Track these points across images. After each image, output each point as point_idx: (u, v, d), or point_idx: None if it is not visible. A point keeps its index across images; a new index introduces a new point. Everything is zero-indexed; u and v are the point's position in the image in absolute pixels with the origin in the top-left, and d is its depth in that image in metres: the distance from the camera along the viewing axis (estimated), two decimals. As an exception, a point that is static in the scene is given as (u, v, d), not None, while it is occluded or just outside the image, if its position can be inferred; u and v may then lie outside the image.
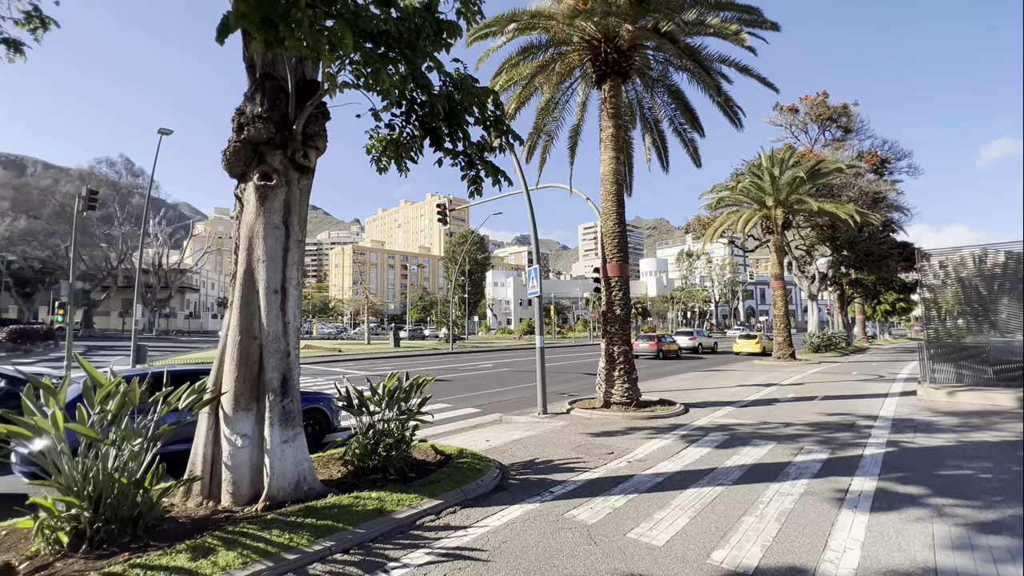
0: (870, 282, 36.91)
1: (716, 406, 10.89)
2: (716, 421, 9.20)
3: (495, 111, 4.92)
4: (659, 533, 4.24)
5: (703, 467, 6.23)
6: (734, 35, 9.92)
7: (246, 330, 4.92)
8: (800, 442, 7.42)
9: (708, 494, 5.22)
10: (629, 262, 11.03)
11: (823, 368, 20.14)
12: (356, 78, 4.21)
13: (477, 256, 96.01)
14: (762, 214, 24.42)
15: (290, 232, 5.16)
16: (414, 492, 5.01)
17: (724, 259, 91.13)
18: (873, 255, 31.73)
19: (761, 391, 13.25)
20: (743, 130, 12.84)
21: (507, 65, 11.35)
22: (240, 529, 4.04)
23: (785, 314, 23.91)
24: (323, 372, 19.78)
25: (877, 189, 29.78)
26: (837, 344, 30.08)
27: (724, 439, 7.73)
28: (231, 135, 5.18)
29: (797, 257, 32.57)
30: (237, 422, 4.77)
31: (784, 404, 11.08)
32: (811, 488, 5.36)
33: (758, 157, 25.51)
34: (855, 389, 13.43)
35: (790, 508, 4.78)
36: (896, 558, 3.73)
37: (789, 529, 4.30)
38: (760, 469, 6.11)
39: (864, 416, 9.44)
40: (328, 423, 8.01)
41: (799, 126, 32.65)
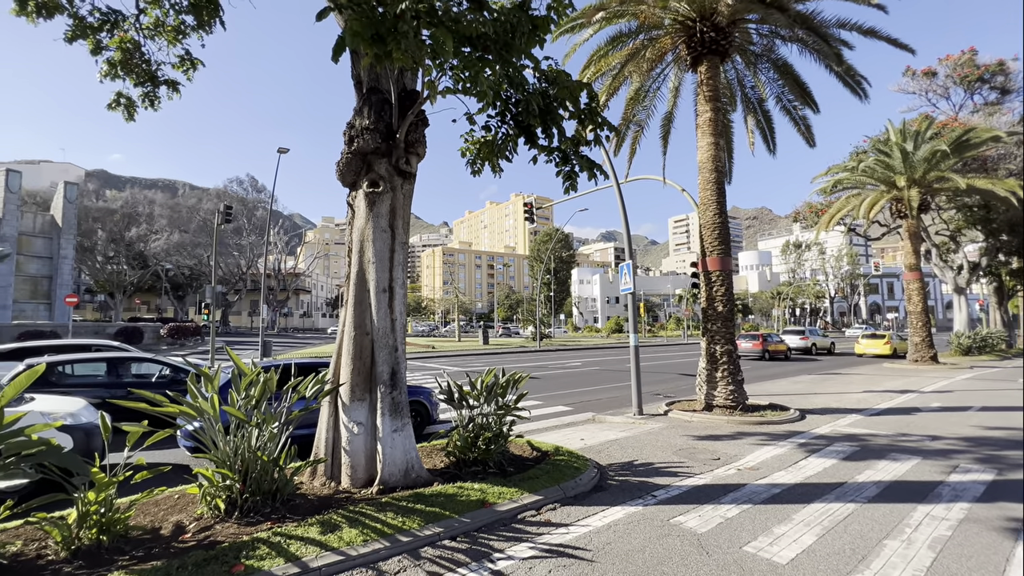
0: (1039, 271, 30.56)
1: (839, 413, 9.72)
2: (840, 430, 8.20)
3: (589, 103, 4.81)
4: (781, 549, 3.86)
5: (829, 480, 5.58)
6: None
7: (359, 326, 5.33)
8: (953, 459, 6.35)
9: (838, 511, 4.65)
10: (731, 255, 10.24)
11: (976, 374, 17.11)
12: (455, 83, 4.35)
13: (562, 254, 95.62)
14: (891, 196, 21.30)
15: (395, 235, 5.50)
16: (514, 486, 5.08)
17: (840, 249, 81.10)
18: (1043, 239, 26.19)
19: (895, 398, 11.59)
20: (867, 102, 11.33)
21: (595, 57, 11.09)
22: (359, 509, 4.39)
23: (923, 310, 20.67)
24: (419, 367, 20.94)
25: (1049, 158, 24.55)
26: (994, 346, 25.36)
27: (853, 450, 6.86)
28: (343, 147, 5.64)
29: (938, 244, 28.01)
30: (353, 411, 5.19)
31: (928, 414, 9.58)
32: (973, 514, 4.55)
33: (885, 132, 22.33)
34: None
35: (947, 535, 4.10)
36: (1106, 609, 3.02)
37: (947, 560, 3.68)
38: (902, 487, 5.32)
39: (1040, 432, 7.83)
40: (428, 415, 8.44)
41: (938, 92, 28.00)
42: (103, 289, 47.61)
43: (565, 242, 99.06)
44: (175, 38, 6.23)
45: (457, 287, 58.80)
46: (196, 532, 3.95)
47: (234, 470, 4.33)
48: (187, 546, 3.69)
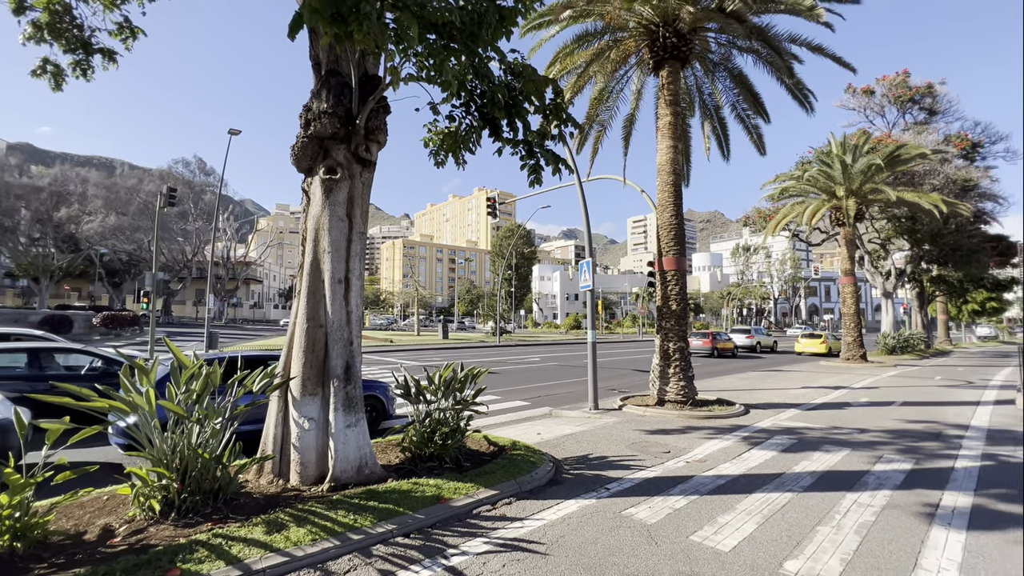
0: (956, 279, 33.60)
1: (780, 408, 10.30)
2: (781, 424, 8.70)
3: (554, 99, 4.82)
4: (725, 538, 4.04)
5: (769, 471, 5.90)
6: (808, 11, 9.23)
7: (312, 318, 5.13)
8: (878, 450, 6.86)
9: (776, 500, 4.92)
10: (686, 256, 10.61)
11: (900, 371, 18.59)
12: (419, 71, 4.24)
13: (524, 250, 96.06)
14: (831, 205, 22.76)
15: (353, 224, 5.32)
16: (470, 481, 5.06)
17: (785, 253, 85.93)
18: (961, 249, 28.77)
19: (830, 394, 12.41)
20: (813, 115, 11.99)
21: (562, 54, 11.15)
22: (309, 508, 4.23)
23: (855, 313, 22.24)
24: (376, 361, 20.50)
25: (967, 176, 26.95)
26: (915, 346, 27.67)
27: (791, 443, 7.29)
28: (299, 131, 5.39)
29: (870, 251, 30.16)
30: (304, 406, 4.99)
31: (857, 408, 10.31)
32: (894, 500, 4.93)
33: (827, 144, 23.78)
34: (940, 395, 12.29)
35: (871, 520, 4.42)
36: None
37: (872, 543, 3.97)
38: (834, 476, 5.70)
39: (953, 425, 8.60)
40: (384, 410, 8.27)
41: (875, 109, 30.10)
42: (26, 274, 43.55)
43: (527, 238, 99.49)
44: (112, 3, 5.74)
45: (417, 280, 57.93)
46: (127, 535, 3.69)
47: (172, 469, 4.07)
48: (116, 551, 3.43)
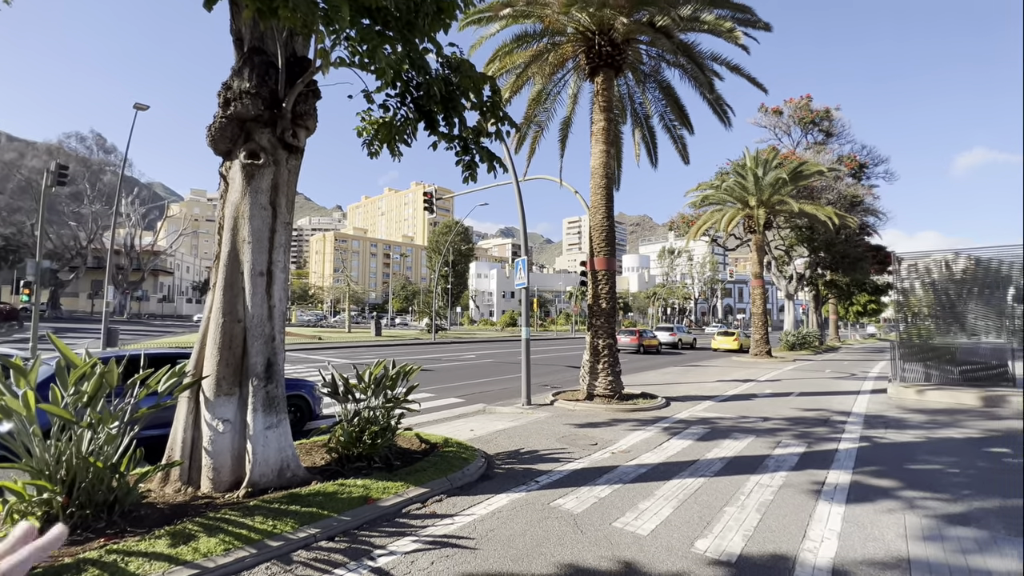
0: (844, 283, 37.97)
1: (697, 400, 11.08)
2: (697, 414, 9.37)
3: (492, 96, 4.84)
4: (644, 523, 4.30)
5: (686, 459, 6.34)
6: (728, 32, 9.98)
7: (229, 313, 4.78)
8: (778, 436, 7.61)
9: (691, 485, 5.31)
10: (616, 257, 11.09)
11: (798, 365, 20.69)
12: (351, 56, 4.08)
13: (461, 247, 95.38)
14: (745, 213, 24.82)
15: (277, 213, 5.02)
16: (400, 480, 4.97)
17: (705, 257, 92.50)
18: (848, 257, 32.59)
19: (740, 386, 13.54)
20: (731, 129, 12.99)
21: (501, 52, 11.20)
22: (221, 515, 3.95)
23: (763, 312, 24.43)
24: (303, 359, 19.47)
25: (855, 193, 30.53)
26: (811, 343, 30.92)
27: (705, 432, 7.88)
28: (217, 111, 5.00)
29: (776, 257, 33.25)
30: (219, 407, 4.64)
31: (762, 399, 11.35)
32: (789, 480, 5.50)
33: (743, 157, 25.88)
34: (829, 386, 13.84)
35: (770, 499, 4.90)
36: (871, 548, 3.85)
37: (769, 519, 4.40)
38: (740, 461, 6.25)
39: (838, 412, 9.73)
40: (310, 410, 7.89)
41: (783, 128, 33.20)
42: None
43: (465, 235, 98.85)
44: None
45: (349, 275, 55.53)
46: (-3, 558, 3.23)
47: (56, 480, 3.63)
48: (-18, 576, 3.00)
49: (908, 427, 8.38)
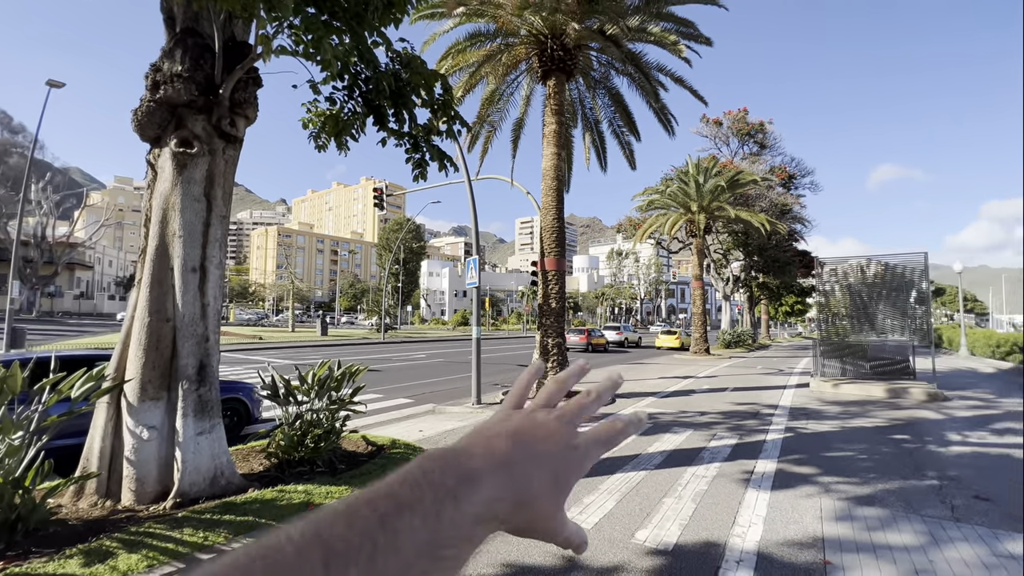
0: (774, 286, 40.79)
1: (641, 396, 11.53)
2: (640, 410, 9.74)
3: (443, 95, 4.81)
4: (589, 516, 4.44)
5: (629, 453, 6.59)
6: (672, 45, 10.45)
7: (157, 311, 4.46)
8: (714, 429, 8.07)
9: (633, 478, 5.53)
10: (566, 257, 11.32)
11: (733, 362, 22.01)
12: (295, 44, 3.93)
13: (412, 245, 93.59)
14: (687, 218, 26.07)
15: (212, 206, 4.74)
16: (344, 484, 4.84)
17: (650, 259, 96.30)
18: (778, 261, 35.07)
19: (680, 383, 14.23)
20: (675, 137, 13.61)
21: (454, 50, 11.13)
22: (145, 530, 3.68)
23: (702, 313, 25.77)
24: (242, 360, 18.43)
25: (785, 202, 32.88)
26: (745, 341, 32.96)
27: (648, 427, 8.22)
28: (144, 94, 4.64)
29: (715, 260, 35.17)
30: (144, 412, 4.32)
31: (700, 395, 11.98)
32: (722, 471, 5.86)
33: (686, 164, 27.16)
34: (760, 381, 14.83)
35: (704, 489, 5.20)
36: (792, 530, 4.19)
37: (703, 508, 4.68)
38: (679, 454, 6.58)
39: (767, 405, 10.46)
40: (248, 414, 7.50)
41: (722, 138, 35.15)
42: None
43: (416, 233, 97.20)
44: None
45: (293, 272, 53.06)
46: None
47: (-56, 499, 3.24)
48: None
49: (826, 418, 9.15)
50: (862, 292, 13.75)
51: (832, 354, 13.48)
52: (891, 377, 12.36)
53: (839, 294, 14.37)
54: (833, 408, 10.23)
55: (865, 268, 14.01)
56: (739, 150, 35.36)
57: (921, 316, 12.57)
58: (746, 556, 3.71)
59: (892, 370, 12.48)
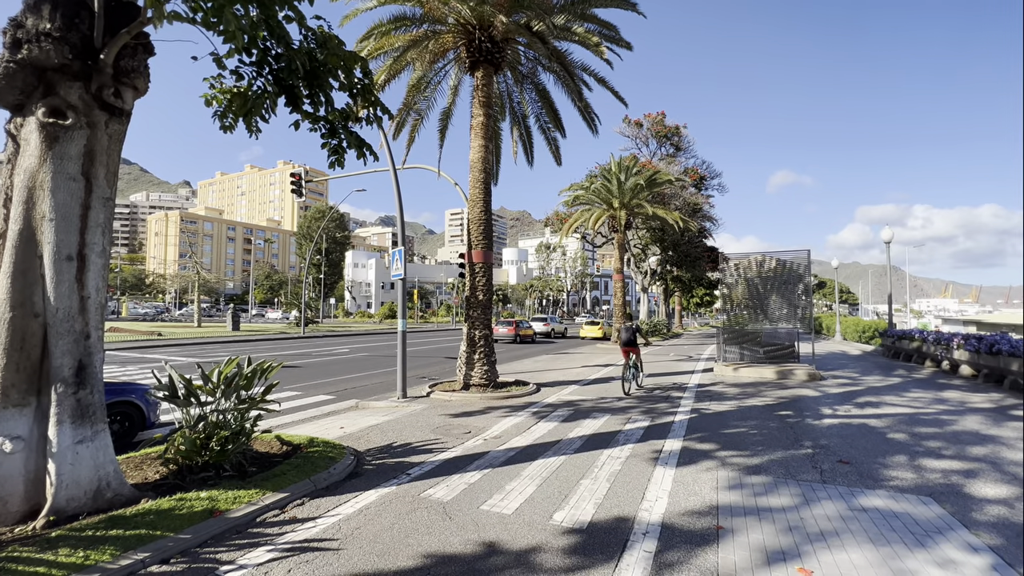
0: (687, 279, 44.07)
1: (564, 385, 11.98)
2: (563, 398, 10.14)
3: (363, 79, 4.62)
4: (510, 502, 4.57)
5: (551, 439, 6.85)
6: (595, 46, 10.83)
7: (21, 305, 3.90)
8: (629, 413, 8.61)
9: (553, 463, 5.77)
10: (493, 250, 11.41)
11: (650, 350, 23.51)
12: (192, 11, 3.57)
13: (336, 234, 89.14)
14: (609, 214, 27.31)
15: (93, 187, 4.20)
16: (254, 487, 4.57)
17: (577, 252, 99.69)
18: (690, 256, 37.93)
19: (601, 371, 14.96)
20: (598, 136, 14.16)
21: (377, 31, 10.69)
22: (8, 554, 3.24)
23: (623, 304, 27.21)
24: (137, 360, 16.57)
25: (696, 201, 35.53)
26: (660, 331, 35.33)
27: (569, 414, 8.58)
28: (2, 52, 3.99)
29: (635, 254, 37.23)
30: (6, 421, 3.77)
31: (618, 381, 12.69)
32: (635, 451, 6.28)
33: (609, 163, 28.38)
34: (672, 367, 16.00)
35: (618, 470, 5.55)
36: (692, 501, 4.61)
37: (616, 487, 5.00)
38: (597, 438, 6.94)
39: (677, 388, 11.33)
40: (143, 418, 6.78)
41: (642, 139, 37.14)
42: None
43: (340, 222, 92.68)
44: None
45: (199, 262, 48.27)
46: None
47: None
48: None
49: (726, 399, 10.11)
50: (759, 285, 15.27)
51: (733, 341, 14.86)
52: (780, 360, 13.90)
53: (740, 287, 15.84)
54: (732, 390, 11.32)
55: (761, 263, 15.56)
56: (657, 151, 37.58)
57: (805, 306, 14.24)
58: (651, 528, 4.03)
59: (781, 354, 14.03)
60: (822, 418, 8.19)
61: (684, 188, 34.41)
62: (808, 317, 13.99)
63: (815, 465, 5.67)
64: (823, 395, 10.46)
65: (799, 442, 6.67)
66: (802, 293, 14.37)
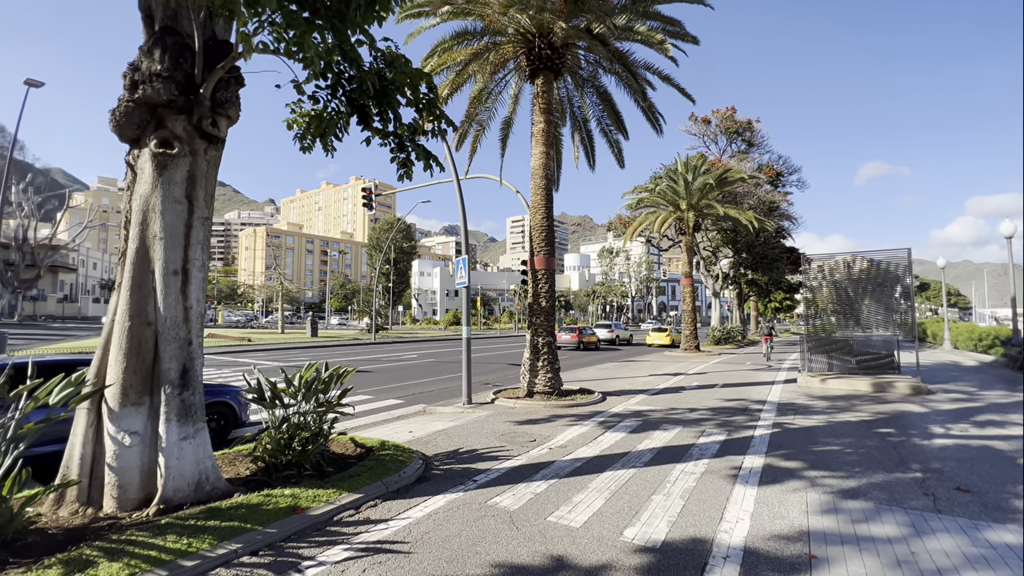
0: (763, 282, 41.22)
1: (631, 394, 11.59)
2: (631, 408, 9.79)
3: (428, 94, 4.78)
4: (577, 515, 4.44)
5: (618, 451, 6.61)
6: (659, 44, 10.48)
7: (138, 315, 4.38)
8: (703, 425, 8.13)
9: (622, 476, 5.55)
10: (555, 256, 11.33)
11: (723, 359, 22.20)
12: (276, 42, 3.87)
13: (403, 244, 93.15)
14: (676, 216, 26.22)
15: (194, 207, 4.66)
16: (332, 487, 4.80)
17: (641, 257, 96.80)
18: (767, 258, 35.43)
19: (670, 380, 14.31)
20: (663, 136, 13.68)
21: (440, 48, 11.07)
22: (126, 537, 3.62)
23: (692, 310, 25.95)
24: (230, 363, 18.22)
25: (772, 199, 33.19)
26: (735, 337, 33.26)
27: (637, 424, 8.26)
28: (123, 94, 4.56)
29: (704, 257, 35.45)
30: (125, 418, 4.25)
31: (690, 391, 12.07)
32: (711, 467, 5.90)
33: (675, 163, 27.31)
34: (749, 378, 14.97)
35: (693, 486, 5.23)
36: (778, 524, 4.23)
37: (691, 505, 4.70)
38: (668, 451, 6.61)
39: (755, 401, 10.55)
40: (235, 417, 7.39)
41: (710, 137, 35.40)
42: None
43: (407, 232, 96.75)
44: None
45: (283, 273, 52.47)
46: None
47: (-84, 510, 3.16)
48: None
49: (813, 413, 9.26)
50: (848, 288, 13.93)
51: (819, 349, 13.64)
52: (876, 371, 12.54)
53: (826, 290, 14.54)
54: (820, 403, 10.36)
55: (851, 264, 14.20)
56: (727, 148, 35.63)
57: (905, 311, 12.77)
58: (733, 552, 3.73)
59: (877, 364, 12.66)
60: (931, 437, 7.25)
61: (758, 186, 32.31)
62: (910, 323, 12.52)
63: (926, 491, 5.01)
64: (932, 411, 9.28)
65: (905, 464, 5.94)
66: (901, 296, 12.91)
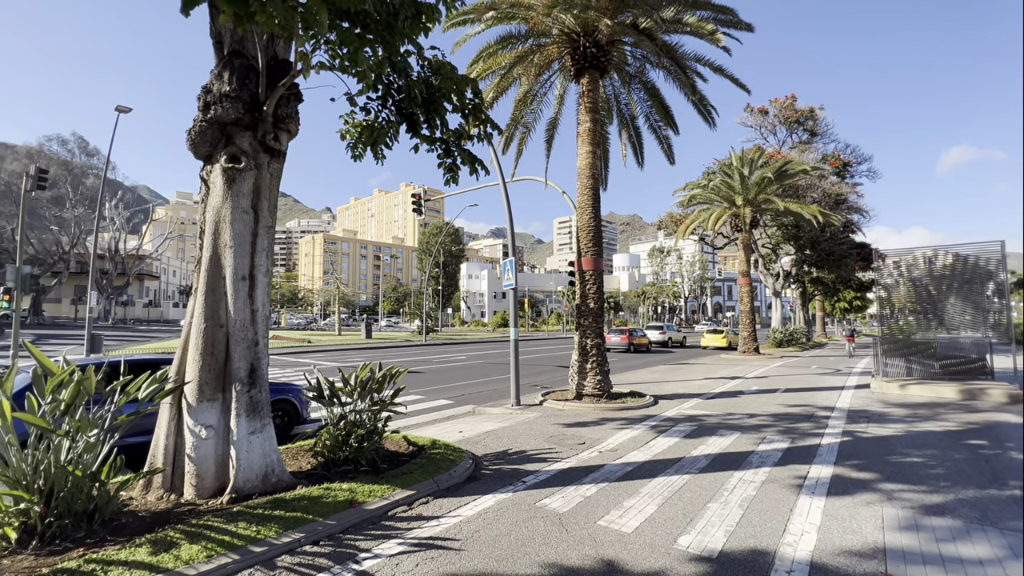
0: (830, 280, 38.51)
1: (684, 398, 11.19)
2: (684, 412, 9.46)
3: (474, 99, 4.86)
4: (629, 520, 4.34)
5: (671, 456, 6.40)
6: (710, 34, 10.09)
7: (211, 318, 4.75)
8: (763, 432, 7.71)
9: (676, 482, 5.37)
10: (603, 257, 11.15)
11: (785, 362, 20.95)
12: (331, 59, 4.08)
13: (452, 248, 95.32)
14: (731, 212, 25.06)
15: (259, 217, 4.99)
16: (386, 483, 4.97)
17: (694, 256, 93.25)
18: (833, 254, 33.05)
19: (727, 384, 13.69)
20: (716, 129, 13.12)
21: (485, 53, 11.22)
22: (204, 522, 3.92)
23: (751, 310, 24.69)
24: (292, 363, 19.32)
25: (839, 191, 30.98)
26: (798, 339, 31.30)
27: (692, 429, 7.96)
28: (197, 114, 4.96)
29: (763, 255, 33.63)
30: (201, 413, 4.61)
31: (748, 396, 11.48)
32: (772, 475, 5.58)
33: (729, 156, 26.13)
34: (814, 382, 14.04)
35: (752, 495, 4.97)
36: (849, 540, 3.93)
37: (751, 514, 4.47)
38: (725, 458, 6.32)
39: (822, 407, 9.88)
40: (297, 414, 7.84)
41: (768, 128, 33.58)
42: None
43: (455, 236, 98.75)
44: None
45: (339, 277, 55.17)
46: (-28, 571, 3.19)
47: (33, 490, 3.58)
48: (-44, 589, 2.96)
49: (889, 421, 8.54)
50: (929, 285, 12.78)
51: (896, 353, 12.58)
52: (965, 377, 11.39)
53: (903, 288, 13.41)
54: (898, 411, 9.54)
55: (933, 259, 13.01)
56: (787, 139, 33.68)
57: (1000, 310, 11.52)
58: (797, 566, 3.51)
59: (966, 369, 11.49)
60: (1033, 451, 6.48)
61: (823, 178, 30.26)
62: (1005, 323, 11.27)
63: (1026, 511, 4.48)
64: (1032, 422, 8.30)
65: (1000, 480, 5.35)
66: (994, 294, 11.67)
